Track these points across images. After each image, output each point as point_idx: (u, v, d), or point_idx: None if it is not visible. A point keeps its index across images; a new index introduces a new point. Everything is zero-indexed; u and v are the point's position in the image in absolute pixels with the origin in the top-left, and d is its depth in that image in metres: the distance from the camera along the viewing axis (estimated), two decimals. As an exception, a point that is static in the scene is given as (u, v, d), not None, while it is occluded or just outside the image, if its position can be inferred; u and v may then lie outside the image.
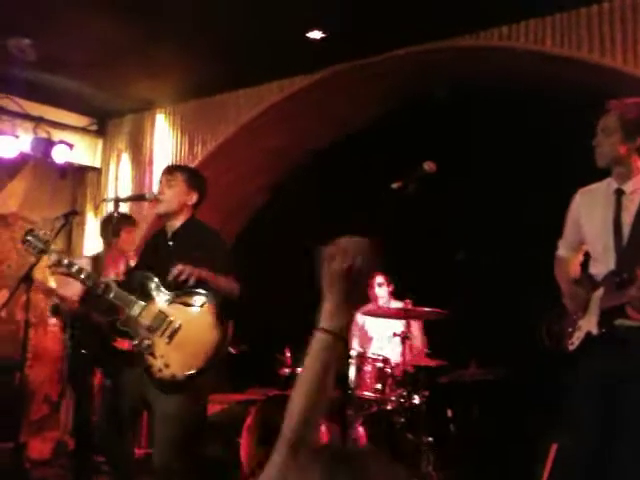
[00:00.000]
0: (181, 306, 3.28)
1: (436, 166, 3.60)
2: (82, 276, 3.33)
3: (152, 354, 3.22)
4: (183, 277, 3.22)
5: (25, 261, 5.96)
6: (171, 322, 3.25)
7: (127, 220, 4.65)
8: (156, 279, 3.33)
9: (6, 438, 3.95)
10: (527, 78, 4.96)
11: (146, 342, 3.25)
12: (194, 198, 3.51)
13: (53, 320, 6.29)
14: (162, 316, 3.26)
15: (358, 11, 4.42)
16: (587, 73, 4.50)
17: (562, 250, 3.07)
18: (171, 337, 3.23)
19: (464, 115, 5.12)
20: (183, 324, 3.24)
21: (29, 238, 3.37)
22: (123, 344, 4.21)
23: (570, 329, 2.87)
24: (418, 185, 3.54)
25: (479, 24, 4.64)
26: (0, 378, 4.82)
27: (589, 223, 2.88)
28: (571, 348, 2.81)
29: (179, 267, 3.22)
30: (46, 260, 3.44)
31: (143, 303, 3.30)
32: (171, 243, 3.46)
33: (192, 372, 3.16)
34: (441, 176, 3.58)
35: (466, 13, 4.47)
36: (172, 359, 3.20)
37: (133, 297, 3.31)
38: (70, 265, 3.36)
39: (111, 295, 3.30)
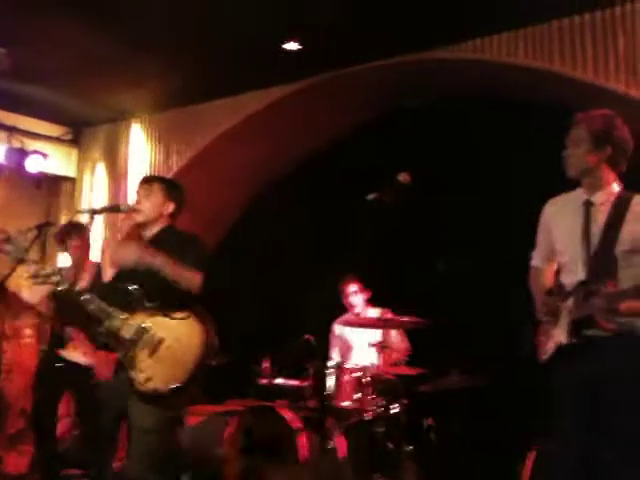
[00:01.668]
0: (163, 318, 3.27)
1: (411, 177, 3.66)
2: (60, 287, 3.27)
3: (134, 367, 3.20)
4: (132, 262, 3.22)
5: (-1, 272, 5.90)
6: (153, 335, 3.23)
7: (73, 230, 4.58)
8: (137, 291, 3.31)
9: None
10: (503, 89, 5.04)
11: (128, 355, 3.23)
12: (170, 208, 3.51)
13: (28, 332, 6.23)
14: (143, 329, 3.24)
15: (334, 23, 4.47)
16: (560, 85, 4.59)
17: (536, 260, 3.12)
18: (153, 350, 3.22)
19: (442, 125, 5.18)
20: (165, 337, 3.22)
21: (7, 247, 3.30)
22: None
23: (543, 339, 2.92)
24: (394, 196, 3.58)
25: (453, 37, 4.71)
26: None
27: (558, 233, 2.94)
28: (544, 357, 2.85)
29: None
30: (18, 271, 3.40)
31: (124, 316, 3.28)
32: None
33: (175, 385, 3.15)
34: (420, 184, 3.63)
35: (440, 26, 4.55)
36: (154, 372, 3.18)
37: (113, 309, 3.28)
38: (49, 275, 3.30)
39: (91, 307, 3.27)
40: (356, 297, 5.11)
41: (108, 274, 4.19)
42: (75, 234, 4.51)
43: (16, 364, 6.08)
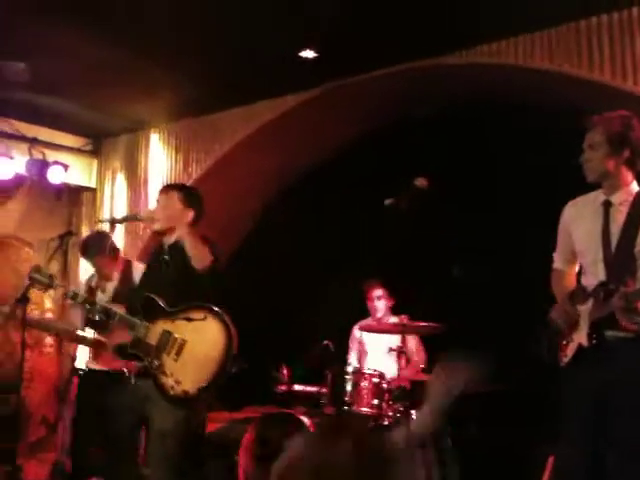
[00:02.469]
0: (184, 322, 3.31)
1: (428, 182, 3.65)
2: (86, 306, 3.46)
3: (163, 373, 3.25)
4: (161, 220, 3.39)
5: (21, 282, 5.97)
6: (176, 339, 3.28)
7: (96, 243, 4.55)
8: (157, 297, 3.36)
9: (3, 461, 3.94)
10: (517, 93, 5.01)
11: (155, 362, 3.27)
12: (190, 216, 3.54)
13: (49, 341, 6.29)
14: (167, 334, 3.29)
15: (350, 30, 4.47)
16: (576, 87, 4.55)
17: (557, 263, 3.10)
18: (178, 354, 3.26)
19: (456, 130, 5.16)
20: (188, 339, 3.27)
21: (35, 275, 3.47)
22: (114, 364, 4.22)
23: (564, 342, 2.89)
24: (411, 201, 3.57)
25: (467, 41, 4.69)
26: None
27: (578, 235, 2.92)
28: (565, 360, 2.83)
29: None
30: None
31: (147, 323, 3.33)
32: (167, 257, 3.49)
33: (203, 385, 3.19)
34: (434, 191, 3.62)
35: (455, 30, 4.53)
36: (182, 375, 3.23)
37: (136, 319, 3.34)
38: (75, 296, 3.48)
39: (116, 319, 3.34)
40: (379, 302, 5.12)
41: (138, 268, 4.26)
42: (99, 248, 4.47)
43: (37, 373, 6.15)
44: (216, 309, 3.31)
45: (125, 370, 4.01)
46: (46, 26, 4.44)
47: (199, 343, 3.28)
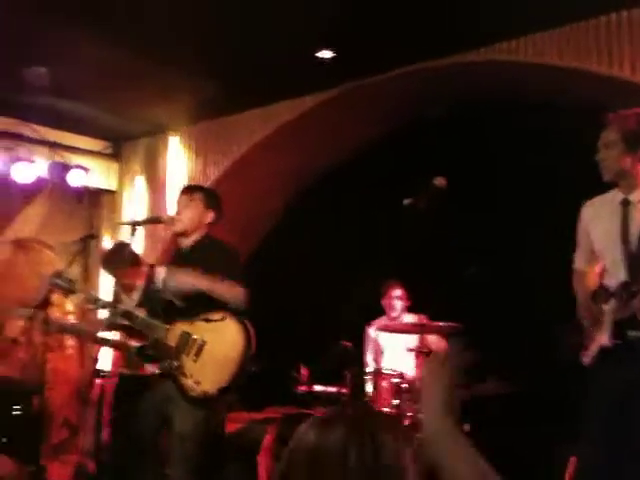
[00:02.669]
0: (203, 323, 3.33)
1: (447, 181, 3.63)
2: (107, 310, 3.47)
3: (183, 374, 3.28)
4: (181, 289, 3.29)
5: (43, 285, 6.04)
6: (195, 340, 3.31)
7: (117, 256, 4.58)
8: (179, 301, 3.38)
9: (27, 461, 3.98)
10: (535, 92, 4.98)
11: (175, 363, 3.30)
12: (210, 217, 3.58)
13: (71, 343, 6.35)
14: (186, 335, 3.32)
15: (366, 30, 4.47)
16: (595, 84, 4.50)
17: (578, 263, 3.07)
18: (198, 355, 3.29)
19: (474, 129, 5.14)
20: (207, 340, 3.30)
21: (57, 281, 3.47)
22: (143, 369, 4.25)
23: (587, 341, 2.87)
24: (430, 201, 3.56)
25: (484, 39, 4.66)
26: (20, 402, 4.86)
27: (597, 235, 2.89)
28: (587, 360, 2.81)
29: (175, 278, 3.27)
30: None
31: (166, 325, 3.36)
32: (185, 262, 3.51)
33: (223, 386, 3.22)
34: (451, 191, 3.61)
35: (471, 28, 4.50)
36: (202, 376, 3.26)
37: (156, 321, 3.37)
38: (97, 300, 3.52)
39: (136, 322, 3.37)
40: (397, 302, 5.12)
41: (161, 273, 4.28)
42: (119, 261, 4.48)
43: (59, 375, 6.21)
44: (234, 310, 3.33)
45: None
46: (66, 33, 4.48)
47: (218, 344, 3.30)
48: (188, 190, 3.74)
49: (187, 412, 3.28)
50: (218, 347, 3.30)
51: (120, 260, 4.43)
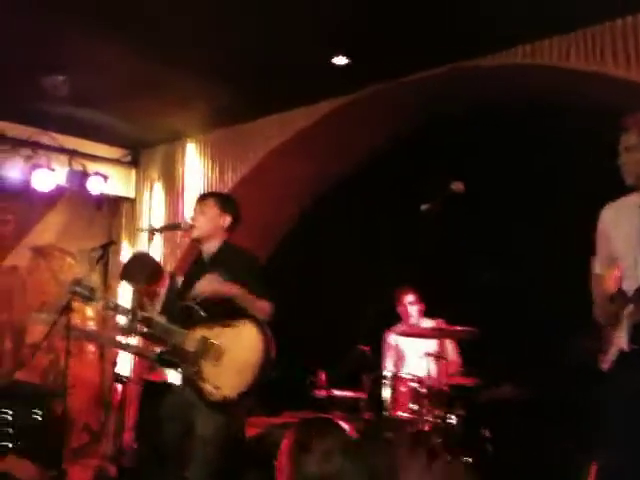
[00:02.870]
0: (222, 328, 3.36)
1: (464, 186, 3.63)
2: (128, 316, 3.45)
3: (202, 379, 3.30)
4: (209, 293, 3.31)
5: (63, 291, 6.10)
6: (215, 345, 3.33)
7: (136, 270, 4.61)
8: (196, 305, 3.41)
9: (48, 466, 4.03)
10: (553, 94, 4.96)
11: (193, 368, 3.32)
12: (227, 220, 3.60)
13: (91, 348, 6.41)
14: (205, 340, 3.34)
15: (382, 35, 4.47)
16: (613, 87, 4.48)
17: (597, 267, 3.05)
18: (217, 360, 3.31)
19: (491, 134, 5.13)
20: (227, 345, 3.32)
21: (76, 289, 3.47)
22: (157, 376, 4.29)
23: (604, 346, 2.85)
24: (447, 205, 3.56)
25: (502, 42, 4.65)
26: (41, 407, 4.91)
27: (616, 239, 2.87)
28: (605, 366, 2.79)
29: (204, 284, 3.30)
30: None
31: (185, 331, 3.38)
32: (206, 269, 3.53)
33: (243, 390, 3.23)
34: (468, 195, 3.61)
35: (489, 32, 4.49)
36: (222, 381, 3.27)
37: (175, 326, 3.39)
38: (116, 307, 3.51)
39: (156, 328, 3.40)
40: (412, 307, 5.11)
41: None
42: (141, 272, 4.51)
43: (79, 380, 6.26)
44: (253, 315, 3.35)
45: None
46: (85, 42, 4.53)
47: (238, 349, 3.32)
48: (204, 197, 3.77)
49: (208, 417, 3.30)
50: (238, 352, 3.32)
51: (140, 270, 4.46)
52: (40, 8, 4.11)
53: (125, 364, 4.89)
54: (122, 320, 3.61)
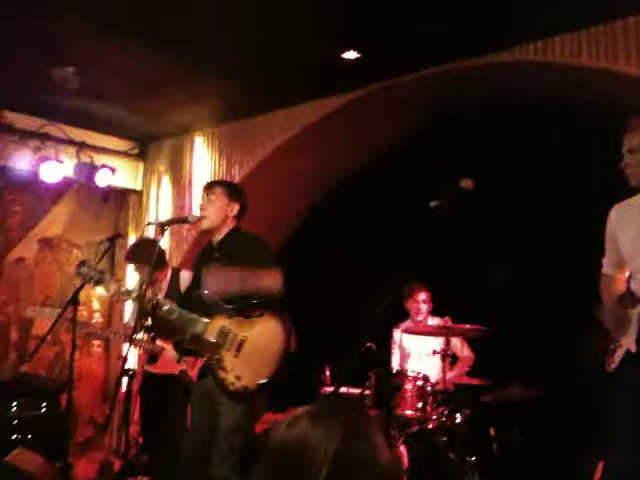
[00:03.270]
0: (242, 318, 3.36)
1: (473, 183, 3.61)
2: (142, 302, 3.40)
3: (223, 368, 3.30)
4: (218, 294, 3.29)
5: (70, 283, 6.12)
6: (235, 335, 3.33)
7: (142, 253, 4.59)
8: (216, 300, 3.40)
9: (54, 458, 4.04)
10: (563, 92, 4.93)
11: (215, 357, 3.33)
12: (235, 209, 3.59)
13: (97, 342, 6.42)
14: (225, 331, 3.34)
15: (392, 30, 4.44)
16: (625, 86, 4.45)
17: (606, 268, 3.03)
18: (238, 350, 3.31)
19: (501, 131, 5.10)
20: (247, 336, 3.32)
21: (83, 270, 3.43)
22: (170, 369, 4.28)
23: (612, 347, 2.84)
24: (456, 203, 3.54)
25: (514, 39, 4.62)
26: (47, 400, 4.92)
27: (624, 240, 2.85)
28: (612, 366, 2.78)
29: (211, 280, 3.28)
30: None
31: (206, 320, 3.38)
32: (217, 254, 3.53)
33: (263, 381, 3.23)
34: (478, 193, 3.58)
35: (501, 29, 4.46)
36: (242, 371, 3.29)
37: (195, 315, 3.39)
38: (129, 292, 3.47)
39: (174, 316, 3.38)
40: (423, 305, 5.10)
41: (187, 280, 4.31)
42: (146, 257, 4.44)
43: (85, 373, 6.28)
44: (271, 305, 3.35)
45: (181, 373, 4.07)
46: (96, 37, 4.52)
47: (258, 339, 3.33)
48: (211, 185, 3.74)
49: (229, 407, 3.31)
50: (258, 343, 3.33)
51: (145, 255, 4.44)
52: (54, 5, 4.10)
53: (131, 357, 4.89)
54: (134, 305, 3.54)
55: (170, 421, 4.02)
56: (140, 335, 4.37)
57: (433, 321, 5.01)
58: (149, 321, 4.02)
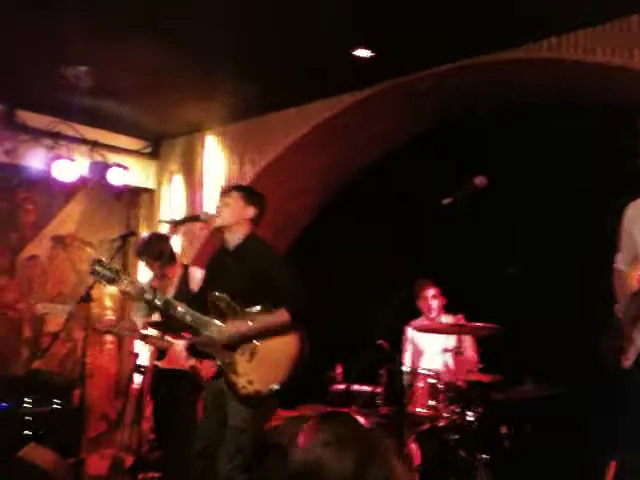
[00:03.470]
0: None
1: (487, 180, 3.59)
2: (157, 302, 3.40)
3: (235, 372, 3.30)
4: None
5: (82, 281, 6.15)
6: (249, 341, 3.33)
7: (152, 249, 4.59)
8: (228, 298, 3.40)
9: (67, 454, 4.06)
10: (578, 90, 4.90)
11: (227, 360, 3.32)
12: (251, 212, 3.57)
13: (109, 338, 6.44)
14: (239, 335, 3.34)
15: (405, 27, 4.43)
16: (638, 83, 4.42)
17: (619, 264, 3.02)
18: (252, 355, 3.31)
19: (514, 128, 5.08)
20: (261, 341, 3.31)
21: (98, 268, 3.41)
22: (178, 363, 4.29)
23: (626, 344, 2.82)
24: (469, 200, 3.52)
25: (527, 36, 4.59)
26: (60, 396, 4.94)
27: (638, 236, 2.84)
28: (627, 363, 2.76)
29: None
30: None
31: (219, 323, 3.37)
32: (231, 260, 3.52)
33: (275, 386, 3.23)
34: (494, 188, 3.57)
35: (513, 25, 4.44)
36: (255, 376, 3.28)
37: (209, 318, 3.38)
38: (142, 292, 3.44)
39: (188, 318, 3.38)
40: (433, 301, 5.07)
41: (196, 277, 4.31)
42: (155, 252, 4.48)
43: (97, 369, 6.31)
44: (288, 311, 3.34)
45: (191, 368, 4.07)
46: (109, 36, 4.54)
47: (272, 345, 3.32)
48: (228, 189, 3.76)
49: (239, 408, 3.30)
50: (272, 348, 3.33)
51: (155, 250, 4.45)
52: (66, 3, 4.11)
53: (143, 354, 4.90)
54: (145, 304, 3.53)
55: (181, 417, 4.02)
56: (150, 331, 4.38)
57: (447, 318, 4.98)
58: (158, 317, 4.04)
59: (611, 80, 4.58)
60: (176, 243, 6.38)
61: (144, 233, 6.77)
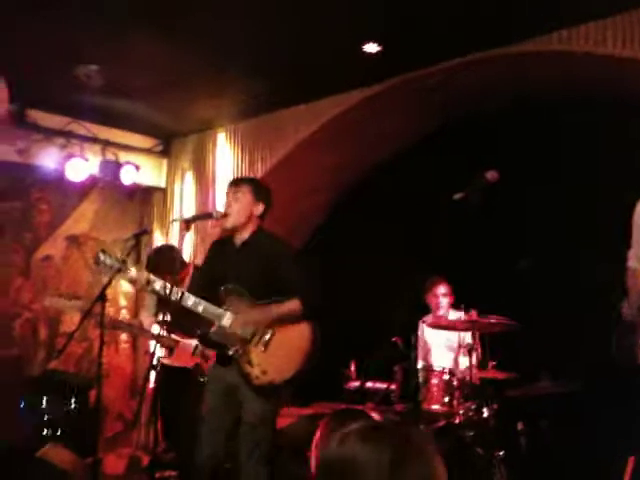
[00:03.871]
0: None
1: (498, 175, 3.57)
2: (167, 291, 3.37)
3: (249, 362, 3.31)
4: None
5: (96, 280, 6.18)
6: (264, 331, 3.34)
7: (162, 260, 4.61)
8: (242, 289, 3.41)
9: (84, 454, 4.09)
10: (587, 83, 4.85)
11: (240, 351, 3.34)
12: (260, 208, 3.58)
13: (125, 337, 6.47)
14: (253, 325, 3.36)
15: (414, 22, 4.40)
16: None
17: (632, 261, 3.00)
18: (266, 345, 3.33)
19: (523, 123, 5.05)
20: (275, 331, 3.33)
21: (103, 258, 3.42)
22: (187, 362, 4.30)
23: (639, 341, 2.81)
24: (481, 195, 3.51)
25: (537, 29, 4.56)
26: (76, 395, 4.97)
27: None
28: None
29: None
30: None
31: (233, 314, 3.38)
32: (241, 254, 3.53)
33: (289, 376, 3.25)
34: (506, 184, 3.55)
35: (523, 18, 4.40)
36: (269, 366, 3.30)
37: (222, 309, 3.40)
38: (153, 281, 3.43)
39: (200, 309, 3.39)
40: (444, 299, 5.07)
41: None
42: (168, 267, 4.48)
43: (113, 369, 6.34)
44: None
45: (195, 366, 4.09)
46: (119, 31, 4.54)
47: (285, 335, 3.34)
48: (236, 182, 3.72)
49: (253, 400, 3.32)
50: (286, 339, 3.35)
51: (165, 263, 4.46)
52: (77, 2, 4.12)
53: (158, 353, 4.92)
54: (154, 294, 3.52)
55: (189, 414, 4.03)
56: (159, 330, 4.39)
57: (454, 315, 4.96)
58: (167, 316, 4.04)
59: (622, 72, 4.53)
60: (188, 241, 6.40)
61: (158, 233, 6.79)
